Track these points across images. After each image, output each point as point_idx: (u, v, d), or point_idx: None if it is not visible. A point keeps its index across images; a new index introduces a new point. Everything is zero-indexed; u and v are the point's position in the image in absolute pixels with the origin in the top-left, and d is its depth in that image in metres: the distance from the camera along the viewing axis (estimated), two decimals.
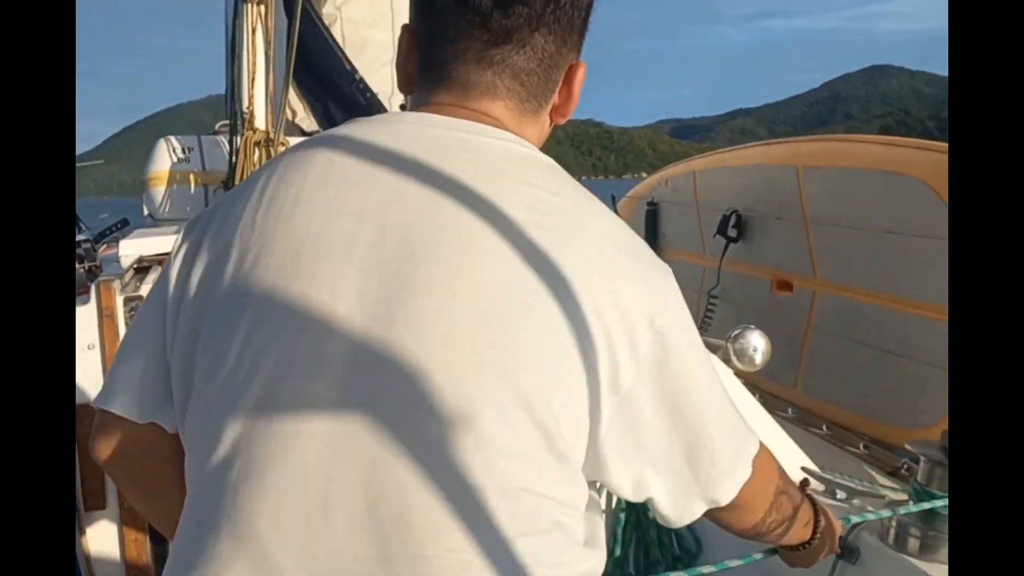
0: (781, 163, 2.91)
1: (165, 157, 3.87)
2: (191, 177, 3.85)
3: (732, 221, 3.14)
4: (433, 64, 1.02)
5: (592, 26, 1.05)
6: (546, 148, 1.07)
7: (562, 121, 1.08)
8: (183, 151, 3.85)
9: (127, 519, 2.26)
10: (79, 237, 3.13)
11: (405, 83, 1.05)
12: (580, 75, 1.05)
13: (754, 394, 2.24)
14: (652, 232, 3.90)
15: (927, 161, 2.30)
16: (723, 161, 3.40)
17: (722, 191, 3.30)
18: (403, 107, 1.19)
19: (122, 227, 3.47)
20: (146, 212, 3.83)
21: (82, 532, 2.25)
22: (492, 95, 1.00)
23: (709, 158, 3.51)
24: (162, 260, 2.64)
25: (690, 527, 1.96)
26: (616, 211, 4.18)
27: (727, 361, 2.18)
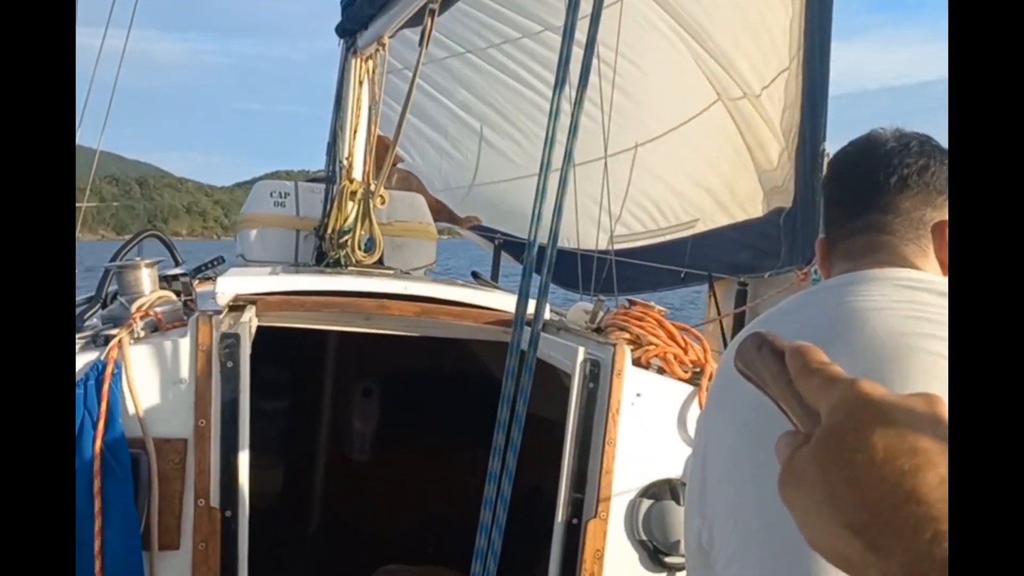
0: None
1: (261, 201, 3.92)
2: (284, 222, 3.88)
3: None
4: (828, 254, 1.32)
5: None
6: None
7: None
8: (280, 196, 3.89)
9: (199, 560, 2.21)
10: (177, 271, 3.12)
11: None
12: (945, 229, 1.23)
13: None
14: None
15: None
16: None
17: None
18: None
19: (218, 264, 3.50)
20: (239, 252, 3.86)
21: (152, 572, 2.20)
22: (873, 253, 1.22)
23: None
24: (255, 301, 2.63)
25: None
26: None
27: None
